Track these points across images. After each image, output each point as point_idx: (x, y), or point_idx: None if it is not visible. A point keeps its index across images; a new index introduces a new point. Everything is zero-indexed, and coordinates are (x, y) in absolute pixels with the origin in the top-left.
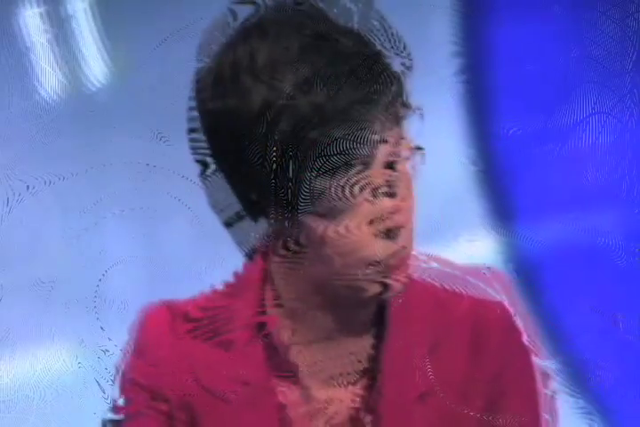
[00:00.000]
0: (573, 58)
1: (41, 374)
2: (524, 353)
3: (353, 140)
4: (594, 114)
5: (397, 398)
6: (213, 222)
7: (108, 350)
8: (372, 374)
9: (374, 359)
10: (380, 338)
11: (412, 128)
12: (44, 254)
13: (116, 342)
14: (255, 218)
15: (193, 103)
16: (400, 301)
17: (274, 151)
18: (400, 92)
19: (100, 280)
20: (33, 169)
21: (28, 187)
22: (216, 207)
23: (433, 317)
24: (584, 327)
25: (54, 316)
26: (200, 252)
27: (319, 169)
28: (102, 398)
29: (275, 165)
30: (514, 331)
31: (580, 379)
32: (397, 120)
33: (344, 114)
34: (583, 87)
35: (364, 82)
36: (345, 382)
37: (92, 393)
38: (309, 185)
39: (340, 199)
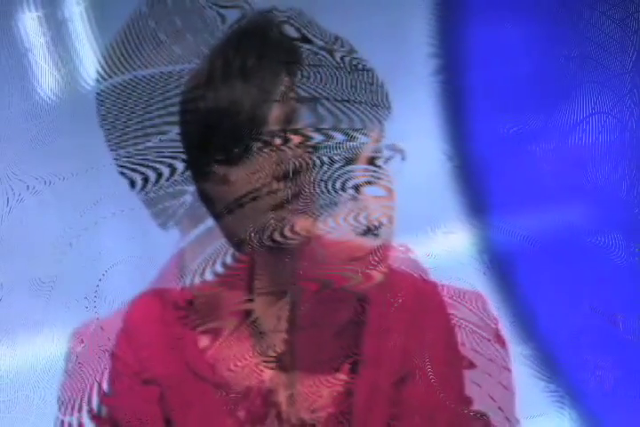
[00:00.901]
0: (559, 58)
1: (41, 374)
2: (499, 340)
3: (337, 138)
4: (594, 114)
5: (377, 383)
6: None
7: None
8: (353, 360)
9: (356, 346)
10: (361, 326)
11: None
12: (44, 254)
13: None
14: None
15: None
16: (381, 290)
17: (263, 150)
18: (379, 95)
19: (100, 280)
20: (33, 169)
21: (27, 187)
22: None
23: (412, 305)
24: (567, 319)
25: (54, 316)
26: None
27: (303, 165)
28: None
29: (265, 163)
30: (491, 319)
31: (551, 363)
32: (376, 122)
33: (328, 114)
34: (583, 87)
35: (345, 85)
36: (328, 368)
37: None
38: (294, 181)
39: (323, 195)
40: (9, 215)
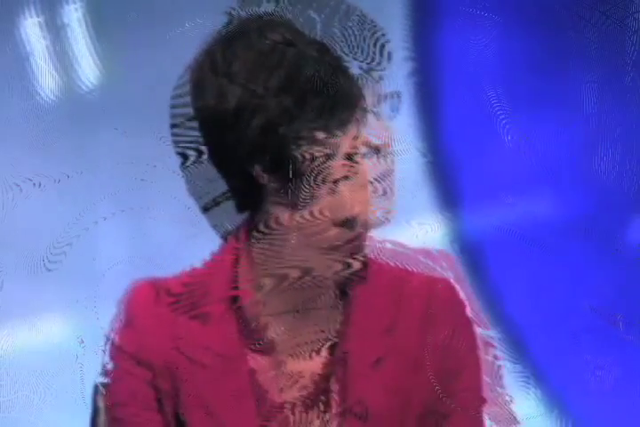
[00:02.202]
0: (553, 59)
1: (41, 374)
2: (469, 324)
3: (318, 135)
4: (594, 114)
5: (356, 364)
6: None
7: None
8: (333, 343)
9: (336, 330)
10: (341, 310)
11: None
12: (44, 254)
13: None
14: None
15: (179, 101)
16: (360, 277)
17: (247, 146)
18: (358, 96)
19: (100, 280)
20: (33, 169)
21: (28, 187)
22: (195, 194)
23: (390, 292)
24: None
25: (54, 315)
26: (200, 251)
27: (286, 161)
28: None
29: (248, 158)
30: (460, 304)
31: (518, 346)
32: (355, 121)
33: (310, 113)
34: (583, 87)
35: (327, 86)
36: (309, 350)
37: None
38: (277, 176)
39: (303, 189)
40: (9, 215)
